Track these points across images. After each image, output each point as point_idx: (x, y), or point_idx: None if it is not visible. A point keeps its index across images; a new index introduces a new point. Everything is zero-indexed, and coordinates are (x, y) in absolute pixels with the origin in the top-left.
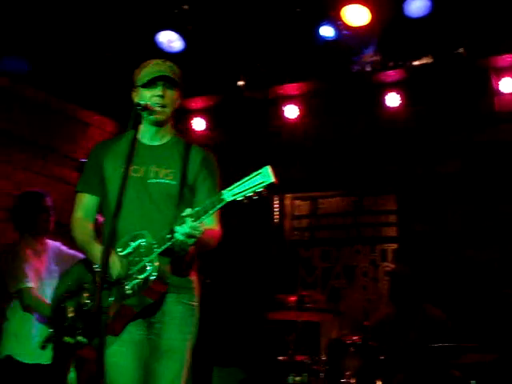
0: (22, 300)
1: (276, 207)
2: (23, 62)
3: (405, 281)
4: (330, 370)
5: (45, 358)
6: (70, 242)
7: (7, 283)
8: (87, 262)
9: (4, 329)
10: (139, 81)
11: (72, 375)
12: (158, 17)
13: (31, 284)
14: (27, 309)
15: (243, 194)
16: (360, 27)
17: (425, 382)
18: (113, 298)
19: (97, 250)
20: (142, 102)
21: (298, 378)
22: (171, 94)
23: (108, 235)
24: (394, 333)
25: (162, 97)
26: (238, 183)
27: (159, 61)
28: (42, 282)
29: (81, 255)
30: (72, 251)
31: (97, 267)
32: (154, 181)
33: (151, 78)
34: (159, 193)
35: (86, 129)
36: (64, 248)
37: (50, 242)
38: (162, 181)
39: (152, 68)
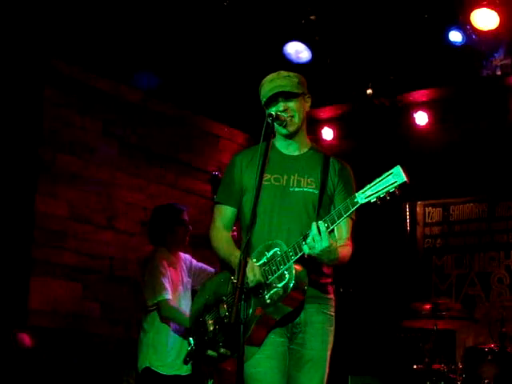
0: (160, 312)
1: (408, 215)
2: (154, 77)
3: None
4: (467, 379)
5: (184, 368)
6: (201, 253)
7: (145, 296)
8: (223, 275)
9: (141, 341)
10: (263, 101)
11: None
12: (286, 28)
13: (169, 296)
14: (165, 320)
15: (376, 195)
16: (489, 31)
17: None
18: (252, 309)
19: (238, 253)
20: (273, 113)
21: None
22: (294, 105)
23: (245, 244)
24: None
25: (284, 111)
26: (371, 185)
27: (274, 75)
28: (178, 293)
29: (210, 268)
30: (201, 264)
31: (233, 279)
32: (297, 189)
33: (268, 98)
34: (302, 201)
35: (216, 141)
36: (194, 261)
37: (182, 254)
38: (306, 189)
39: (268, 86)
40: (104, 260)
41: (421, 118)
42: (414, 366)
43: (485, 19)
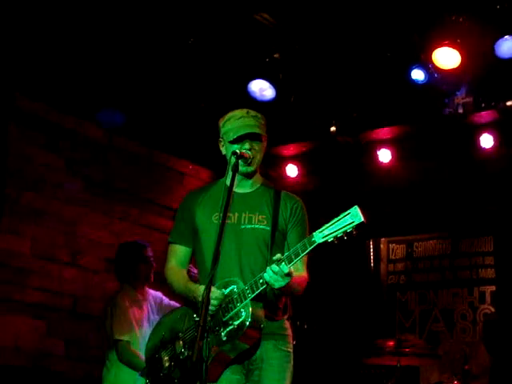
0: (117, 354)
1: (371, 251)
2: (118, 114)
3: (497, 329)
4: None
5: None
6: (169, 290)
7: (108, 334)
8: (179, 311)
9: (104, 377)
10: (226, 136)
11: None
12: (250, 66)
13: (127, 338)
14: (124, 363)
15: (334, 235)
16: (451, 69)
17: None
18: (208, 347)
19: (195, 286)
20: (237, 151)
21: None
22: (259, 147)
23: (207, 281)
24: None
25: (249, 150)
26: (328, 224)
27: (243, 112)
28: (143, 330)
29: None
30: (173, 302)
31: (195, 317)
32: (249, 226)
33: (238, 137)
34: (253, 238)
35: (181, 178)
36: (165, 299)
37: (152, 292)
38: (256, 226)
39: (237, 122)
40: (68, 297)
41: (384, 156)
42: None
43: (446, 58)
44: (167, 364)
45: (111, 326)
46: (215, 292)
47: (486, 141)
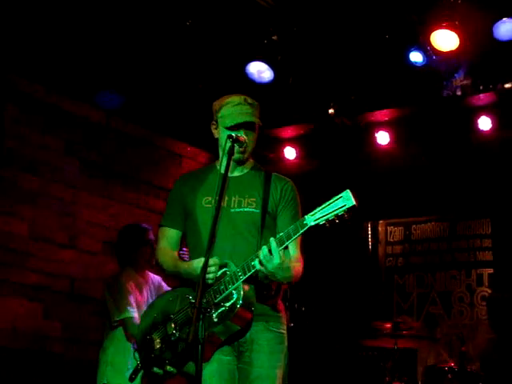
0: (126, 329)
1: (369, 234)
2: (117, 96)
3: (503, 307)
4: None
5: None
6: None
7: (111, 312)
8: (172, 293)
9: (100, 358)
10: (221, 120)
11: None
12: (248, 48)
13: (135, 314)
14: (130, 338)
15: (325, 218)
16: (449, 52)
17: None
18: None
19: (187, 263)
20: (233, 135)
21: None
22: (252, 136)
23: (203, 265)
24: (498, 360)
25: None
26: (320, 208)
27: (241, 99)
28: (141, 314)
29: None
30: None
31: (191, 298)
32: (238, 210)
33: (234, 124)
34: (243, 221)
35: (179, 160)
36: (164, 284)
37: (151, 275)
38: (246, 209)
39: (234, 109)
40: (65, 279)
41: (382, 138)
42: None
43: (445, 40)
44: (158, 345)
45: (117, 304)
46: (212, 266)
47: (484, 123)
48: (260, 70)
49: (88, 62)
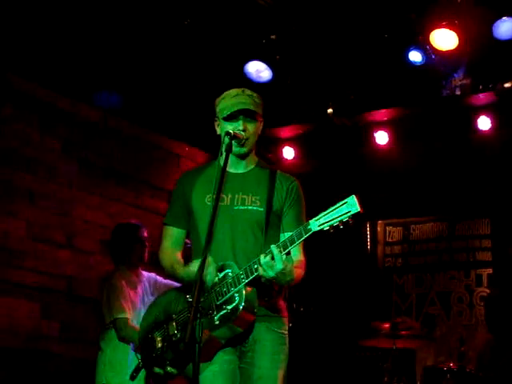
0: (117, 330)
1: (368, 234)
2: (114, 95)
3: (500, 306)
4: None
5: None
6: (163, 271)
7: (103, 314)
8: (174, 292)
9: (99, 359)
10: (220, 113)
11: None
12: (247, 47)
13: (127, 315)
14: (123, 339)
15: (330, 223)
16: (448, 51)
17: None
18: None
19: (185, 269)
20: (231, 131)
21: None
22: (252, 127)
23: (200, 263)
24: (495, 361)
25: (243, 131)
26: (325, 213)
27: (238, 91)
28: (138, 311)
29: (176, 284)
30: (167, 281)
31: (188, 297)
32: (242, 208)
33: (231, 112)
34: (247, 220)
35: (176, 160)
36: (159, 278)
37: (145, 273)
38: (250, 207)
39: (232, 100)
40: (63, 279)
41: (381, 138)
42: None
43: (444, 40)
44: (160, 345)
45: (108, 306)
46: (209, 267)
47: (484, 123)
48: (258, 70)
49: (86, 61)
